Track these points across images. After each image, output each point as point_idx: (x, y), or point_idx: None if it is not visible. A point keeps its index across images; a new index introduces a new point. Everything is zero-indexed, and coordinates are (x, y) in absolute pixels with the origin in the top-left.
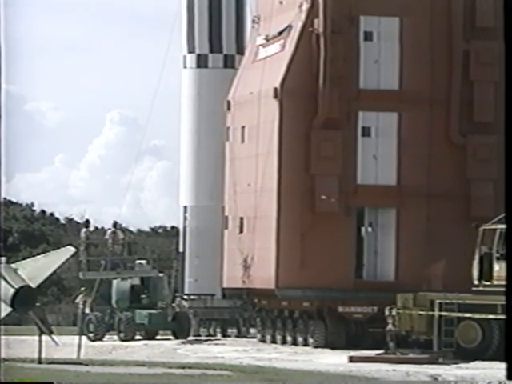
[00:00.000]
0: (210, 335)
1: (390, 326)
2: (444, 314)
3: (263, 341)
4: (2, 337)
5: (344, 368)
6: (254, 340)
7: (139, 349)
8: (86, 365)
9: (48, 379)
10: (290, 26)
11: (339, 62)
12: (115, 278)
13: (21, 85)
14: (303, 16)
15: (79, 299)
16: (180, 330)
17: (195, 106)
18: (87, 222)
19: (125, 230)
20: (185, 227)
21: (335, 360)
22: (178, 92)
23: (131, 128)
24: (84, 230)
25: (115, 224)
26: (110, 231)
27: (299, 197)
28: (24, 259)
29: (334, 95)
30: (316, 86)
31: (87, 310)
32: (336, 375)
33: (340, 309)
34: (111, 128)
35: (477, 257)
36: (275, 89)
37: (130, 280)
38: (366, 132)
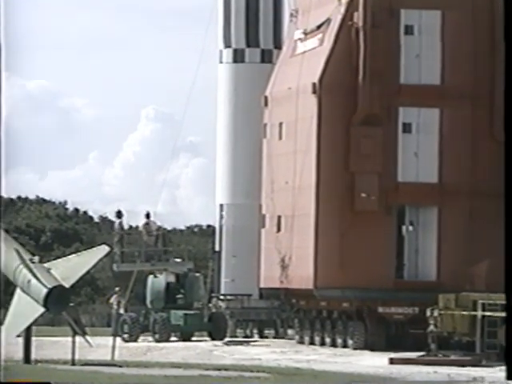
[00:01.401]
0: (246, 336)
1: (431, 327)
2: (487, 314)
3: (301, 342)
4: (34, 338)
5: (384, 370)
6: (292, 341)
7: (174, 350)
8: (120, 366)
9: (81, 381)
10: (328, 20)
11: (379, 56)
12: (151, 273)
13: (55, 80)
14: (342, 9)
15: (113, 299)
16: (216, 331)
17: (232, 101)
18: (119, 212)
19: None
20: (221, 226)
21: (375, 362)
22: (215, 87)
23: (167, 124)
24: (117, 220)
25: (148, 214)
26: (143, 222)
27: (338, 195)
28: (57, 259)
29: (374, 91)
30: (355, 82)
31: (121, 311)
32: (376, 377)
33: (380, 309)
34: (146, 124)
35: None
36: (314, 84)
37: (165, 279)
38: (407, 128)
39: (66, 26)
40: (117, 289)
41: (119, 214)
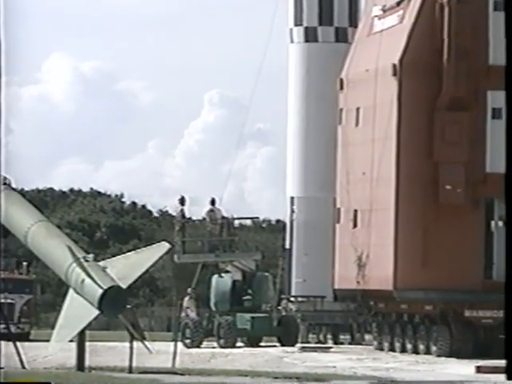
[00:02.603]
0: (319, 342)
1: None
2: None
3: (380, 348)
4: (88, 343)
5: (471, 379)
6: (370, 347)
7: (241, 357)
8: (182, 374)
9: None
10: None
11: (466, 34)
12: (214, 273)
13: (111, 62)
14: None
15: (186, 302)
16: (286, 335)
17: (304, 85)
18: (182, 199)
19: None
20: (292, 221)
21: (461, 370)
22: (285, 69)
23: (232, 110)
24: (179, 207)
25: (213, 201)
26: (207, 209)
27: (420, 187)
28: (113, 256)
29: (459, 72)
30: (440, 62)
31: (193, 315)
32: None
33: (467, 313)
34: (210, 110)
35: None
36: (393, 65)
37: (231, 277)
38: (497, 114)
39: (124, 5)
40: (189, 290)
41: (182, 201)
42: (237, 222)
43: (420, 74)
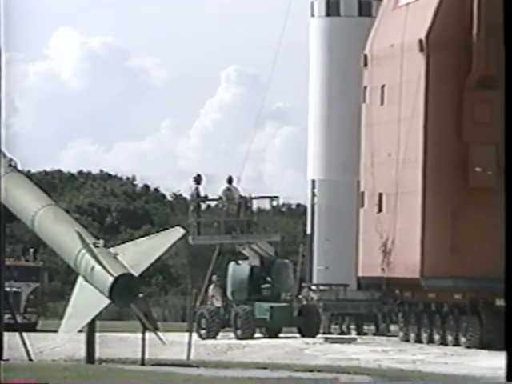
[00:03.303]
0: (342, 333)
1: None
2: None
3: (406, 340)
4: (98, 334)
5: (502, 372)
6: (396, 339)
7: (259, 348)
8: (197, 367)
9: (153, 383)
10: None
11: (497, 7)
12: (233, 257)
13: (122, 37)
14: None
15: (211, 290)
16: (307, 326)
17: (325, 61)
18: (198, 177)
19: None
20: (313, 205)
21: (492, 363)
22: (306, 45)
23: (251, 88)
24: (194, 186)
25: (230, 179)
26: (223, 188)
27: (449, 169)
28: (124, 242)
29: (490, 48)
30: (469, 38)
31: (218, 304)
32: (493, 381)
33: (498, 302)
34: (227, 88)
35: None
36: (420, 41)
37: (249, 265)
38: None
39: None
40: (214, 277)
41: (197, 179)
42: (255, 206)
43: (448, 50)
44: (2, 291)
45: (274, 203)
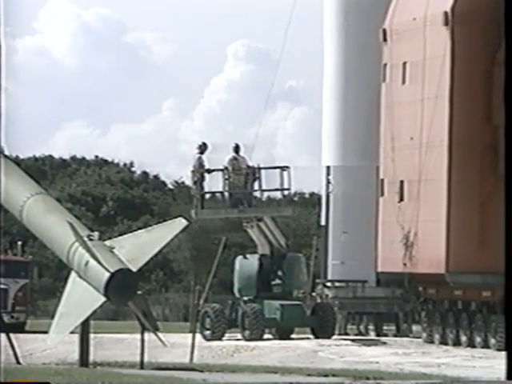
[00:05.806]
0: (360, 333)
1: None
2: None
3: (430, 341)
4: (93, 335)
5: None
6: (419, 340)
7: (269, 351)
8: (201, 371)
9: None
10: None
11: None
12: (240, 251)
13: (119, 10)
14: None
15: None
16: (322, 326)
17: (341, 36)
18: (204, 145)
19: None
20: (328, 194)
21: None
22: (320, 17)
23: (260, 65)
24: (197, 156)
25: (237, 148)
26: (229, 157)
27: (477, 154)
28: (121, 235)
29: None
30: (498, 10)
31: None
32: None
33: None
34: (235, 65)
35: None
36: (445, 13)
37: (258, 260)
38: None
39: None
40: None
41: (202, 148)
42: (265, 195)
43: (475, 24)
44: None
45: (286, 192)
